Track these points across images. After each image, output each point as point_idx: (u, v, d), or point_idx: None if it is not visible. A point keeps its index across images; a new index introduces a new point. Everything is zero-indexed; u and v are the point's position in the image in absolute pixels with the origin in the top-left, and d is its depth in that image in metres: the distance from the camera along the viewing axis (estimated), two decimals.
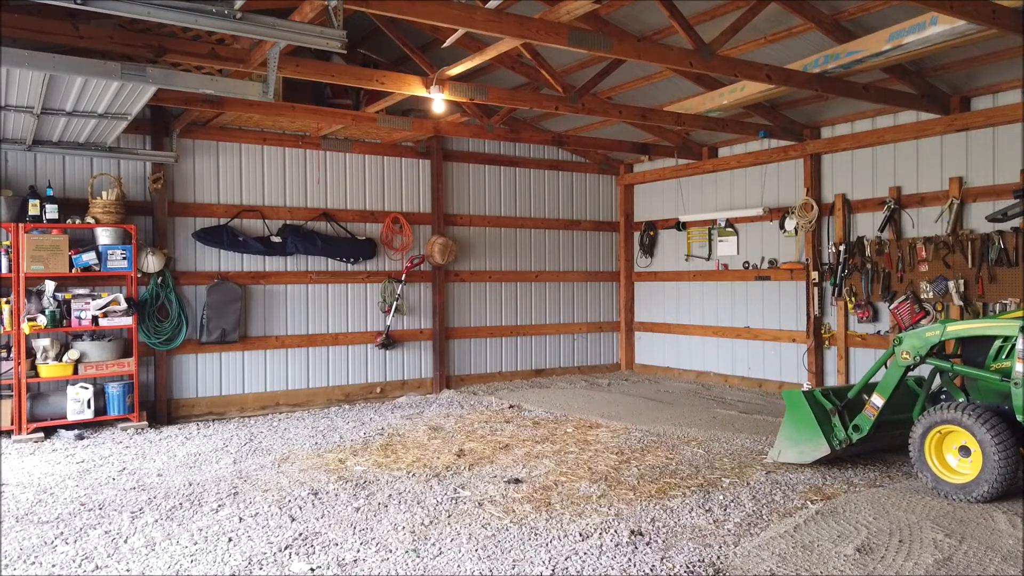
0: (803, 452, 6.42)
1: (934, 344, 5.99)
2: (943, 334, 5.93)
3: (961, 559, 4.43)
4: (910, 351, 6.07)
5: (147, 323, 8.61)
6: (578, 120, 10.58)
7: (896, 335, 6.26)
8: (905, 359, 6.08)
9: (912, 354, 6.05)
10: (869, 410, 6.21)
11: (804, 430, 6.39)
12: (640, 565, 4.41)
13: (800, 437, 6.44)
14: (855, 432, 6.27)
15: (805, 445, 6.40)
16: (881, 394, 6.15)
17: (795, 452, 6.49)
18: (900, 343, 6.11)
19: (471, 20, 5.47)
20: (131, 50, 6.33)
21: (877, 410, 6.17)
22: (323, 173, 10.00)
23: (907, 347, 6.09)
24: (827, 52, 6.91)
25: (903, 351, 6.09)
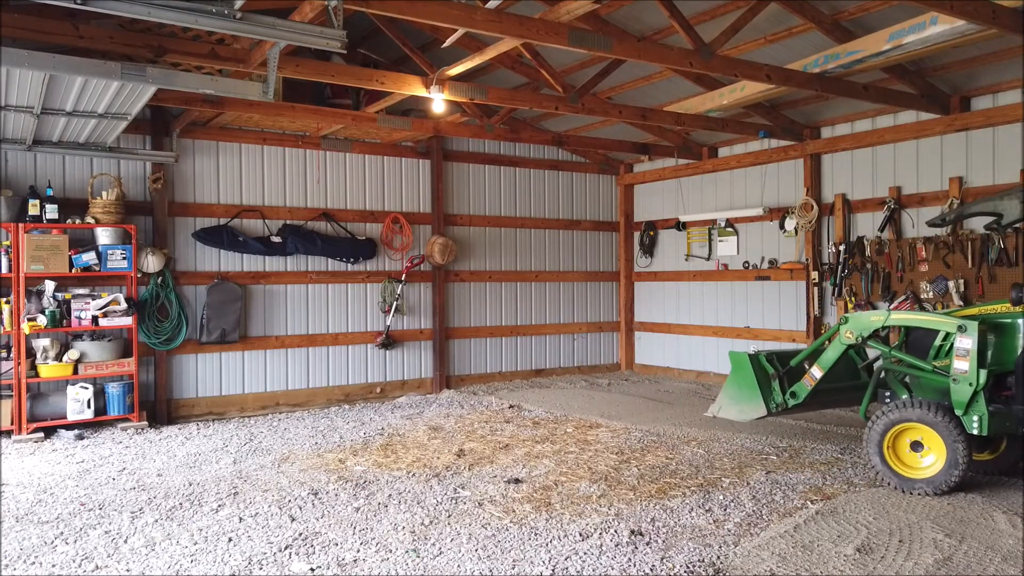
0: (742, 411, 6.78)
1: (877, 328, 6.22)
2: (887, 320, 6.16)
3: (961, 559, 4.43)
4: (854, 331, 6.30)
5: (147, 323, 8.61)
6: (578, 120, 10.58)
7: (843, 315, 6.53)
8: (848, 338, 6.32)
9: (855, 334, 6.28)
10: (808, 380, 6.52)
11: (746, 391, 6.72)
12: (640, 565, 4.41)
13: (741, 397, 6.77)
14: (792, 399, 6.61)
15: (745, 405, 6.74)
16: (821, 367, 6.46)
17: (735, 410, 6.85)
18: (846, 322, 6.35)
19: (471, 20, 5.47)
20: (131, 50, 6.33)
21: (815, 381, 6.48)
22: (323, 173, 10.00)
23: (852, 327, 6.32)
24: (827, 52, 6.91)
25: (847, 330, 6.33)
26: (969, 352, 5.55)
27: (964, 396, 5.55)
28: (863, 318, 6.32)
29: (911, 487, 5.61)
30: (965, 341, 5.61)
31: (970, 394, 5.52)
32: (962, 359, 5.60)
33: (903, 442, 5.75)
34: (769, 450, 7.03)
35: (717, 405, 7.07)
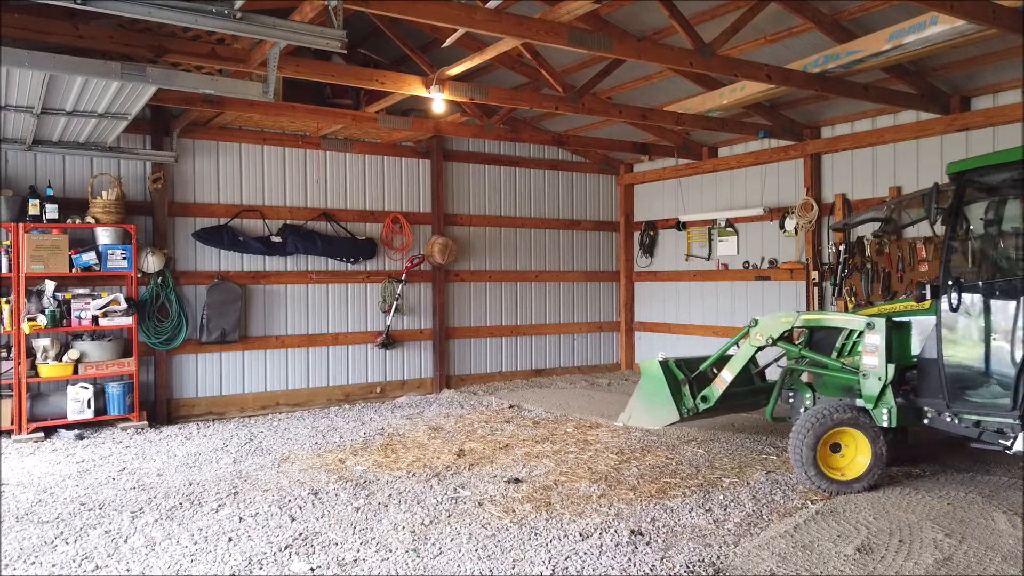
0: (654, 417, 6.98)
1: (787, 330, 6.31)
2: (797, 321, 6.24)
3: (961, 559, 4.43)
4: (763, 333, 6.37)
5: (147, 323, 8.61)
6: (578, 120, 10.58)
7: (753, 318, 6.54)
8: (758, 340, 6.40)
9: (764, 336, 6.35)
10: (718, 384, 6.65)
11: (657, 397, 6.84)
12: (640, 565, 4.41)
13: (653, 403, 6.91)
14: (703, 402, 6.74)
15: (657, 411, 6.90)
16: (731, 370, 6.57)
17: (646, 417, 7.06)
18: (755, 325, 6.42)
19: (471, 20, 5.48)
20: (131, 50, 6.33)
21: (725, 384, 6.58)
22: (323, 173, 10.00)
23: (761, 330, 6.39)
24: (827, 52, 6.90)
25: (757, 333, 6.40)
26: (878, 348, 5.69)
27: (874, 390, 5.72)
28: (773, 320, 6.39)
29: (847, 489, 5.65)
30: (874, 338, 5.75)
31: (880, 388, 5.68)
32: (871, 355, 5.74)
33: (825, 447, 5.76)
34: (769, 450, 7.03)
35: (627, 413, 7.22)
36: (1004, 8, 5.66)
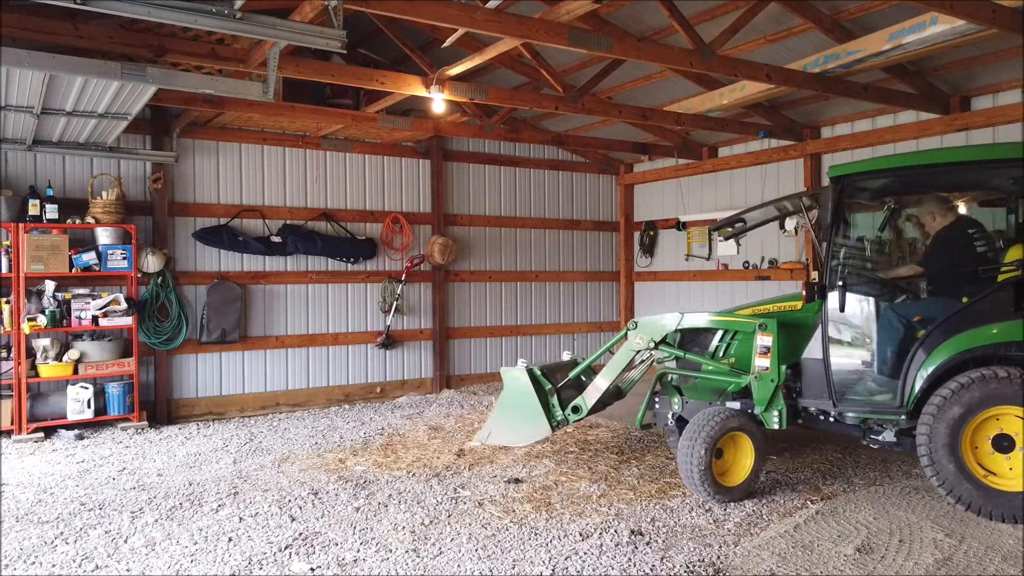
0: (520, 433, 6.30)
1: (669, 332, 6.03)
2: (680, 323, 5.96)
3: (961, 559, 4.43)
4: (644, 336, 6.00)
5: (147, 323, 8.61)
6: (578, 120, 10.57)
7: (632, 319, 6.21)
8: (638, 344, 6.03)
9: (645, 340, 6.00)
10: (591, 392, 6.12)
11: (526, 410, 6.14)
12: (640, 565, 4.41)
13: (521, 417, 6.19)
14: (573, 413, 6.17)
15: (525, 426, 6.21)
16: (606, 376, 6.09)
17: (510, 434, 6.36)
18: (635, 327, 6.06)
19: (471, 20, 5.47)
20: (131, 50, 6.33)
21: (600, 392, 6.08)
22: (323, 173, 9.99)
23: (642, 332, 6.02)
24: (827, 52, 6.90)
25: (637, 336, 6.02)
26: (770, 349, 5.60)
27: (766, 393, 5.63)
28: (654, 322, 6.06)
29: (730, 496, 5.50)
30: (765, 339, 5.64)
31: (772, 390, 5.61)
32: (763, 356, 5.62)
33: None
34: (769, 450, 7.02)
35: (486, 431, 6.48)
36: (1004, 8, 5.66)
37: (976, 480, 5.06)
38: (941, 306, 5.51)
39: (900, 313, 5.60)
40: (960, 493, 5.08)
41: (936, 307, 5.55)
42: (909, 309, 5.68)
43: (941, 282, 5.69)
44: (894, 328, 5.52)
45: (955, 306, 5.38)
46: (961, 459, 5.07)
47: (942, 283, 5.68)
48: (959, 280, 5.59)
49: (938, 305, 5.56)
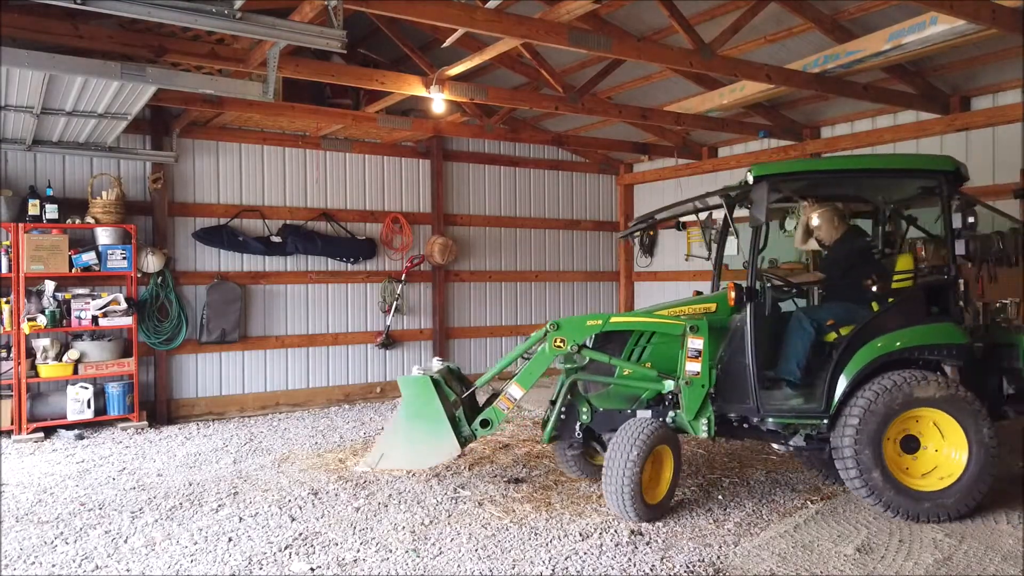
0: (422, 454, 5.35)
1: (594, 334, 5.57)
2: (605, 325, 5.50)
3: (961, 559, 4.43)
4: (566, 339, 5.40)
5: (147, 323, 8.60)
6: (578, 120, 10.57)
7: (552, 320, 5.58)
8: (558, 347, 5.43)
9: (568, 342, 5.41)
10: (504, 402, 5.43)
11: (431, 425, 5.27)
12: (640, 565, 4.41)
13: (425, 434, 5.29)
14: (482, 428, 5.43)
15: (427, 444, 5.29)
16: (522, 384, 5.45)
17: (409, 455, 5.40)
18: (557, 328, 5.43)
19: (471, 20, 5.47)
20: (131, 50, 6.33)
21: (514, 403, 5.45)
22: (323, 173, 9.99)
23: (565, 334, 5.41)
24: (827, 52, 6.90)
25: (557, 338, 5.40)
26: (701, 352, 5.28)
27: (697, 400, 5.30)
28: (577, 324, 5.51)
29: (652, 515, 5.13)
30: (696, 341, 5.31)
31: (703, 397, 5.30)
32: (694, 360, 5.29)
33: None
34: (769, 450, 7.02)
35: (377, 453, 5.49)
36: (1004, 8, 5.66)
37: (898, 483, 5.04)
38: (854, 311, 5.49)
39: (815, 317, 5.54)
40: (886, 498, 5.02)
41: (851, 312, 5.50)
42: (824, 313, 5.61)
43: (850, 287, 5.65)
44: (807, 332, 5.46)
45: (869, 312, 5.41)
46: (885, 463, 5.04)
47: (851, 288, 5.65)
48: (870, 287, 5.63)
49: (852, 310, 5.52)
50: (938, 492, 5.06)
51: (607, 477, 5.03)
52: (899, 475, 5.09)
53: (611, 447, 5.06)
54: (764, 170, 5.32)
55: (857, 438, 5.02)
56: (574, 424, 5.60)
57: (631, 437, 5.01)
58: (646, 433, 5.03)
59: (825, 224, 5.96)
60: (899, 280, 5.62)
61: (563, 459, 6.12)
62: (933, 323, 5.34)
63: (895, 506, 5.03)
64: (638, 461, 4.94)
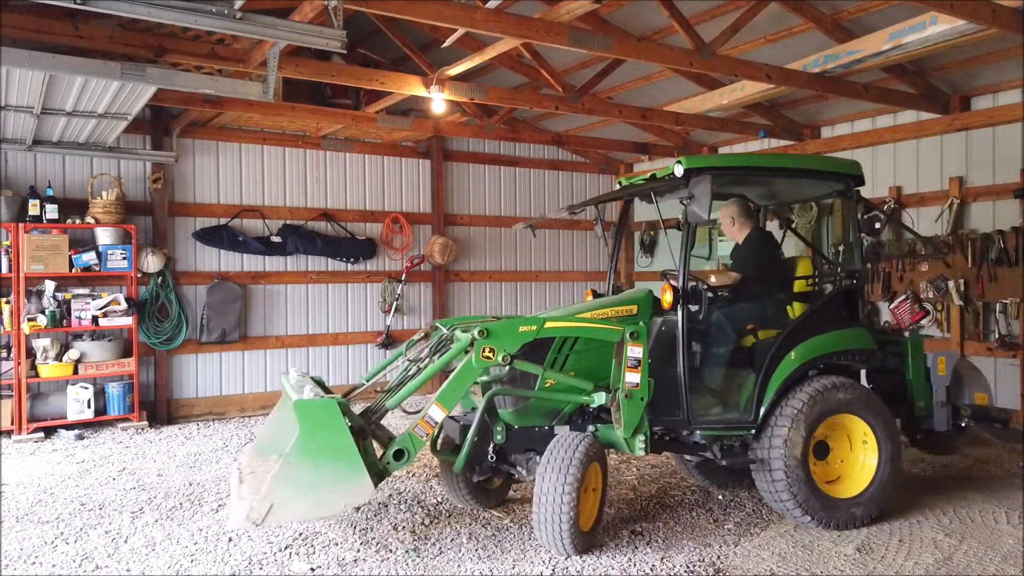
0: (326, 499, 4.08)
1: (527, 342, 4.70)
2: (540, 331, 4.74)
3: (961, 559, 4.44)
4: (499, 347, 4.56)
5: (147, 323, 8.60)
6: (578, 120, 10.57)
7: (481, 325, 4.62)
8: (487, 359, 4.54)
9: (498, 351, 4.56)
10: (423, 428, 4.46)
11: (336, 462, 4.07)
12: (640, 565, 4.41)
13: (326, 475, 4.04)
14: (397, 460, 4.36)
15: (333, 487, 4.06)
16: (444, 404, 4.52)
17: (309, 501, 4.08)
18: (487, 336, 4.55)
19: (471, 20, 5.47)
20: (131, 50, 6.33)
21: (435, 427, 4.52)
22: (323, 173, 9.99)
23: (495, 343, 4.56)
24: (827, 52, 6.90)
25: (487, 348, 4.53)
26: (641, 362, 4.69)
27: (636, 414, 4.66)
28: (509, 330, 4.64)
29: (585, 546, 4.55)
30: (636, 349, 4.69)
31: (642, 410, 4.68)
32: (634, 370, 4.67)
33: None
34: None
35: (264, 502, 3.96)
36: (1004, 8, 5.66)
37: (821, 492, 4.92)
38: (771, 313, 5.38)
39: (733, 320, 5.29)
40: (811, 508, 4.87)
41: (767, 314, 5.37)
42: (741, 315, 5.33)
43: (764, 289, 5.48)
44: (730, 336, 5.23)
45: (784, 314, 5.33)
46: (811, 473, 4.91)
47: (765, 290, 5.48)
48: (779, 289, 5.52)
49: (768, 312, 5.39)
50: (851, 499, 4.98)
51: (540, 505, 4.36)
52: (820, 484, 4.96)
53: (543, 468, 4.40)
54: (696, 163, 4.99)
55: (786, 448, 4.84)
56: (487, 447, 4.86)
57: (566, 455, 4.39)
58: (582, 450, 4.42)
59: (736, 222, 5.76)
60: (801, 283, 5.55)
61: (455, 487, 5.30)
62: (847, 328, 5.25)
63: (818, 517, 4.88)
64: (576, 483, 4.33)
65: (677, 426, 5.01)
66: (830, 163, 5.80)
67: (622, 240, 6.09)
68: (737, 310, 5.37)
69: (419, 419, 4.49)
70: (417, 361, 5.02)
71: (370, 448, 4.36)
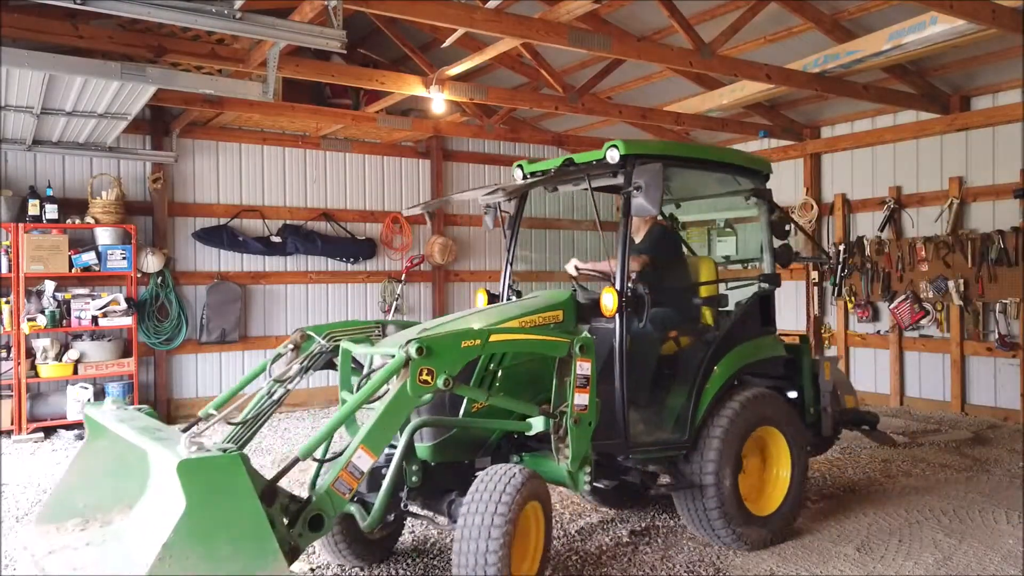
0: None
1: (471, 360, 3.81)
2: (485, 345, 3.75)
3: (961, 559, 4.44)
4: (438, 367, 3.52)
5: (147, 323, 8.60)
6: (578, 120, 10.57)
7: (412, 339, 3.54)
8: (425, 383, 3.51)
9: (438, 374, 3.52)
10: (345, 481, 3.34)
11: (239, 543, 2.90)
12: (640, 565, 4.41)
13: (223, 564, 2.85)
14: (313, 531, 3.27)
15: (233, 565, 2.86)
16: (372, 448, 3.46)
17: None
18: (427, 354, 3.49)
19: (471, 20, 5.48)
20: (131, 50, 6.33)
21: (358, 479, 3.38)
22: (323, 173, 10.00)
23: (435, 363, 3.52)
24: (827, 52, 6.91)
25: (425, 369, 3.50)
26: (590, 380, 3.93)
27: (585, 442, 3.93)
28: (450, 345, 3.61)
29: None
30: (584, 365, 3.92)
31: (590, 438, 3.96)
32: (582, 391, 3.90)
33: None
34: None
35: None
36: (1004, 8, 5.67)
37: (748, 512, 4.58)
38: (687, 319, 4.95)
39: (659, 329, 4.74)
40: (739, 530, 4.50)
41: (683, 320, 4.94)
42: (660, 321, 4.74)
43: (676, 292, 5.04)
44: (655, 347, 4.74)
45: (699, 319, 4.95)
46: (739, 492, 4.53)
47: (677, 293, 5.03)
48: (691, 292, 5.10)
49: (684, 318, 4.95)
50: (769, 516, 4.67)
51: (461, 556, 3.42)
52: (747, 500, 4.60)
53: (464, 512, 3.49)
54: (637, 148, 4.45)
55: (718, 469, 4.43)
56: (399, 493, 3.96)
57: (495, 493, 3.47)
58: (515, 485, 3.49)
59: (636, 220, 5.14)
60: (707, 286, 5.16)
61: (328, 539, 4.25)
62: (764, 336, 4.97)
63: (744, 537, 4.53)
64: (506, 528, 3.39)
65: (613, 451, 4.32)
66: (752, 159, 5.28)
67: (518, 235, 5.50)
68: (657, 315, 4.63)
69: (339, 470, 3.33)
70: (284, 381, 3.99)
71: (278, 517, 3.17)
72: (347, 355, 4.23)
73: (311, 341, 4.24)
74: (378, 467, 3.59)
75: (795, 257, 5.48)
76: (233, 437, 3.73)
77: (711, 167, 5.03)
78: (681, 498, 4.57)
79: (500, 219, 5.50)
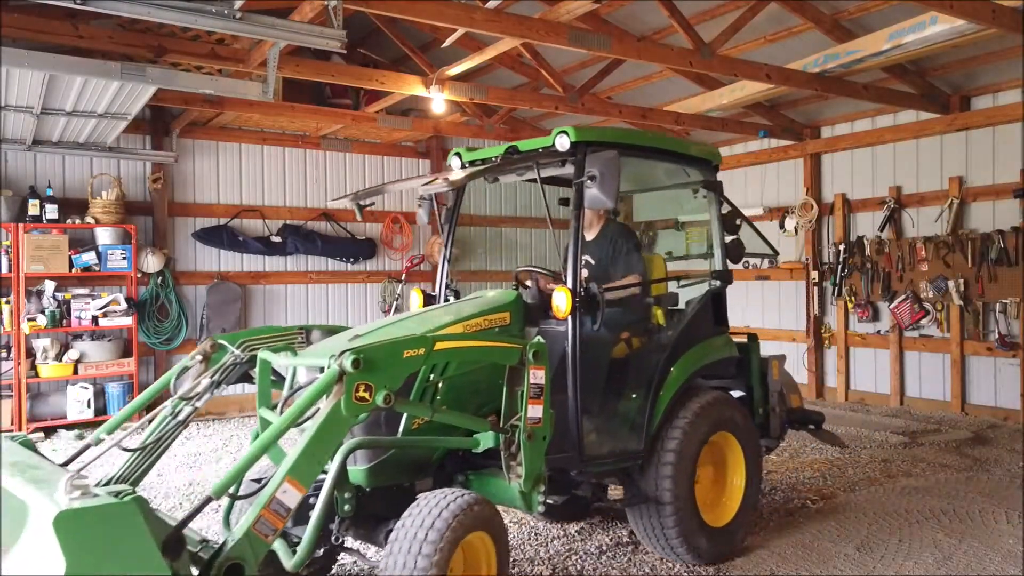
0: None
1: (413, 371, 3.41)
2: (430, 355, 3.34)
3: (961, 559, 4.43)
4: (378, 381, 3.07)
5: (147, 323, 8.61)
6: (578, 120, 10.55)
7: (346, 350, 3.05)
8: (363, 402, 3.04)
9: (377, 389, 3.06)
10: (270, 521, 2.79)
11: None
12: (640, 565, 4.41)
13: None
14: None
15: None
16: (301, 480, 2.87)
17: None
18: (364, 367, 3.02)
19: (471, 20, 5.48)
20: (131, 50, 6.34)
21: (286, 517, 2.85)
22: (323, 173, 10.00)
23: (373, 377, 3.05)
24: (827, 52, 6.90)
25: (362, 384, 3.03)
26: (543, 390, 3.57)
27: (539, 459, 3.56)
28: (390, 356, 3.17)
29: None
30: (538, 373, 3.55)
31: (544, 454, 3.59)
32: (536, 402, 3.54)
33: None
34: (767, 450, 7.01)
35: None
36: (1004, 8, 5.67)
37: (706, 525, 4.31)
38: (639, 320, 4.64)
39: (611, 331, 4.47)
40: (698, 544, 4.23)
41: (635, 321, 4.63)
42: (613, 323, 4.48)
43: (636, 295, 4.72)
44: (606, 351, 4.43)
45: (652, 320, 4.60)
46: (696, 505, 4.26)
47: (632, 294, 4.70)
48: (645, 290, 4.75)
49: (636, 318, 4.64)
50: (724, 527, 4.44)
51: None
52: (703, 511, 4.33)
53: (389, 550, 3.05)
54: (589, 135, 4.15)
55: (675, 479, 4.14)
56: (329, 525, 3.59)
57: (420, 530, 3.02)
58: (444, 520, 3.04)
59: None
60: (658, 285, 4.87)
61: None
62: (716, 335, 4.74)
63: (702, 551, 4.27)
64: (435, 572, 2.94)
65: (567, 465, 3.97)
66: (703, 149, 5.02)
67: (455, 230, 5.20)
68: (609, 316, 4.28)
69: (260, 508, 2.78)
70: (191, 399, 3.54)
71: (185, 571, 2.59)
72: (266, 366, 3.72)
73: (223, 351, 3.74)
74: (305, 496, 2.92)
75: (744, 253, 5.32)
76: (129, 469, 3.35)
77: (663, 156, 4.71)
78: (635, 512, 4.28)
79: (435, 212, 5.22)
